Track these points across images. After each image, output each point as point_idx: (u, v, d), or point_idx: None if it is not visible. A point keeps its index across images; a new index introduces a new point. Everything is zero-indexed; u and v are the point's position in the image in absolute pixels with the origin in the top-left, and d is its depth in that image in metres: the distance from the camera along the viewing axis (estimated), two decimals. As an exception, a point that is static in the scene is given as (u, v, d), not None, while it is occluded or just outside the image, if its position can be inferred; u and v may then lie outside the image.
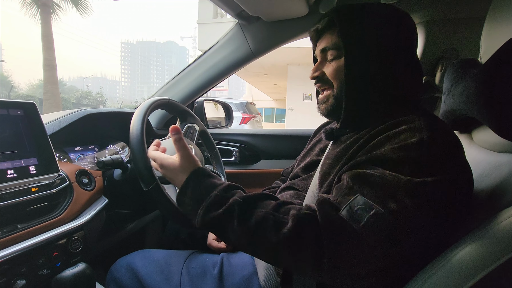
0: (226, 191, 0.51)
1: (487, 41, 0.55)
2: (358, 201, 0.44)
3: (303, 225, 0.44)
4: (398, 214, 0.42)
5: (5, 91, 24.95)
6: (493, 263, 0.37)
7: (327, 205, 0.46)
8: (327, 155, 0.61)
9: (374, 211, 0.42)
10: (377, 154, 0.47)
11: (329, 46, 0.60)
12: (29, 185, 0.55)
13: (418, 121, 0.49)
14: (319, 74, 0.62)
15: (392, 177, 0.44)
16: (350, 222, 0.42)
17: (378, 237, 0.42)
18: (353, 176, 0.47)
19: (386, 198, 0.43)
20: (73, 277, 0.53)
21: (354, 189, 0.45)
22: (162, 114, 1.28)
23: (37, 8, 10.98)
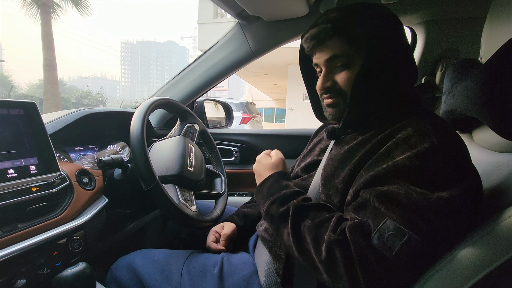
0: (294, 194, 0.57)
1: (487, 41, 0.55)
2: (388, 227, 0.43)
3: (336, 251, 0.45)
4: (429, 235, 0.42)
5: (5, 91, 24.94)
6: (494, 262, 0.37)
7: (359, 232, 0.44)
8: (331, 156, 0.61)
9: (407, 237, 0.41)
10: (394, 166, 0.46)
11: (338, 53, 0.57)
12: (30, 184, 0.55)
13: (424, 123, 0.49)
14: (331, 84, 0.59)
15: (419, 196, 0.43)
16: (383, 251, 0.42)
17: (412, 264, 0.42)
18: (379, 196, 0.46)
19: (416, 220, 0.42)
20: (74, 276, 0.53)
21: (382, 212, 0.44)
22: (162, 114, 1.28)
23: (37, 8, 10.98)
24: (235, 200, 1.27)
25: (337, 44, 0.57)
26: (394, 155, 0.48)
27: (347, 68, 0.57)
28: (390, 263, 0.41)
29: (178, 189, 0.76)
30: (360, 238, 0.44)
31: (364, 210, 0.47)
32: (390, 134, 0.51)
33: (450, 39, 0.96)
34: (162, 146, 0.85)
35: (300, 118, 8.78)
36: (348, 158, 0.55)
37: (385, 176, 0.47)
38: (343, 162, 0.56)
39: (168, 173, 0.77)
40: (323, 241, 0.46)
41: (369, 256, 0.42)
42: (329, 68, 0.59)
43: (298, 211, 0.52)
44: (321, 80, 0.60)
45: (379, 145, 0.51)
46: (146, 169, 0.67)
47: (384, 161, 0.48)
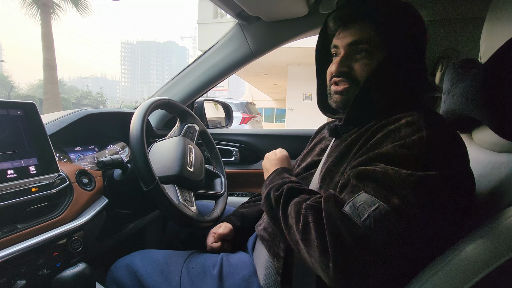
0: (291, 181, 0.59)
1: (487, 41, 0.55)
2: (361, 198, 0.44)
3: (308, 215, 0.46)
4: (401, 209, 0.41)
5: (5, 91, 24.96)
6: (494, 262, 0.37)
7: (332, 200, 0.46)
8: (330, 153, 0.61)
9: (377, 206, 0.42)
10: (379, 152, 0.47)
11: (363, 39, 0.55)
12: (29, 185, 0.55)
13: (418, 116, 0.48)
14: (347, 69, 0.57)
15: (394, 171, 0.44)
16: (352, 217, 0.42)
17: (382, 234, 0.41)
18: (357, 174, 0.47)
19: (389, 193, 0.42)
20: (73, 277, 0.53)
21: (358, 187, 0.46)
22: (162, 114, 1.28)
23: (37, 8, 10.99)
24: (235, 201, 1.27)
25: (364, 29, 0.55)
26: (382, 145, 0.48)
27: (368, 56, 0.55)
28: (358, 228, 0.41)
29: (178, 190, 0.76)
30: (332, 206, 0.45)
31: (343, 188, 0.49)
32: (383, 125, 0.51)
33: (449, 39, 0.96)
34: (162, 147, 0.85)
35: (300, 118, 8.77)
36: (347, 153, 0.56)
37: (367, 160, 0.48)
38: (342, 158, 0.56)
39: (168, 173, 0.77)
40: (301, 210, 0.48)
41: (338, 222, 0.43)
42: (349, 53, 0.57)
43: (289, 191, 0.55)
44: (337, 64, 0.58)
45: (372, 136, 0.52)
46: (146, 169, 0.67)
47: (372, 150, 0.49)
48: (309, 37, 1.11)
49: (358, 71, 0.57)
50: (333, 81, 0.60)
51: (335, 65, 0.59)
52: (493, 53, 0.43)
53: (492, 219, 0.41)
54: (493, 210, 0.43)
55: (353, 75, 0.57)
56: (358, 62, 0.56)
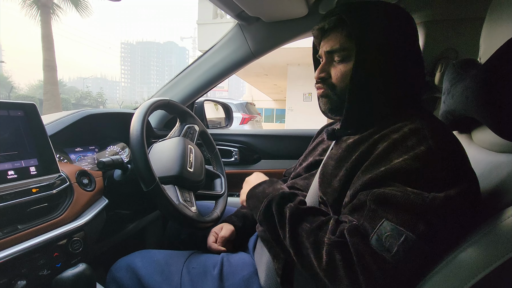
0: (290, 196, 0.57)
1: (486, 41, 0.55)
2: (386, 228, 0.43)
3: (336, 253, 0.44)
4: (428, 235, 0.41)
5: (5, 92, 24.97)
6: (494, 263, 0.37)
7: (357, 234, 0.44)
8: (330, 156, 0.61)
9: (404, 237, 0.41)
10: (392, 168, 0.46)
11: (337, 48, 0.58)
12: (30, 185, 0.55)
13: (420, 123, 0.49)
14: (325, 75, 0.61)
15: (415, 196, 0.43)
16: (381, 252, 0.42)
17: (411, 264, 0.42)
18: (375, 198, 0.45)
19: (413, 220, 0.42)
20: (74, 277, 0.53)
21: (379, 214, 0.44)
22: (162, 115, 1.28)
23: (37, 8, 10.99)
24: (235, 201, 1.27)
25: (337, 37, 0.58)
26: (391, 157, 0.47)
27: (343, 62, 0.58)
28: (389, 264, 0.41)
29: (178, 190, 0.76)
30: (359, 240, 0.43)
31: (360, 212, 0.47)
32: (386, 135, 0.51)
33: (449, 39, 0.96)
34: (162, 147, 0.85)
35: (300, 119, 8.77)
36: (346, 158, 0.55)
37: (382, 179, 0.47)
38: (341, 161, 0.56)
39: (168, 174, 0.77)
40: (323, 245, 0.46)
41: (367, 258, 0.42)
42: (328, 60, 0.61)
43: (295, 214, 0.52)
44: (317, 70, 0.62)
45: (375, 145, 0.51)
46: (146, 170, 0.67)
47: (381, 163, 0.48)
48: (308, 37, 1.11)
49: (333, 76, 0.59)
50: (317, 88, 0.64)
51: (316, 72, 0.63)
52: (492, 54, 0.43)
53: (492, 219, 0.41)
54: (493, 210, 0.43)
55: (330, 80, 0.60)
56: (334, 68, 0.59)
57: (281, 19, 1.05)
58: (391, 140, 0.49)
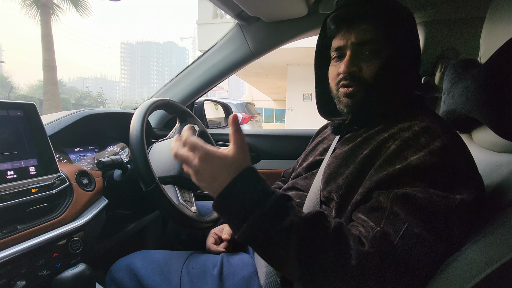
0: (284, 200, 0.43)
1: (486, 41, 0.55)
2: (409, 233, 0.41)
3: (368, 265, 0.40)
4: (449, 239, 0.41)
5: (5, 92, 24.97)
6: (494, 263, 0.37)
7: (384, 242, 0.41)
8: (335, 155, 0.60)
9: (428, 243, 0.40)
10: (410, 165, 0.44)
11: (368, 39, 0.54)
12: (29, 186, 0.55)
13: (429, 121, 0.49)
14: (357, 69, 0.56)
15: (440, 200, 0.41)
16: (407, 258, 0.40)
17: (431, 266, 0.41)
18: (396, 200, 0.43)
19: (439, 226, 0.41)
20: (73, 278, 0.53)
21: (401, 217, 0.42)
22: (162, 115, 1.28)
23: (37, 8, 11.00)
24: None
25: (369, 29, 0.54)
26: (405, 155, 0.46)
27: (375, 56, 0.55)
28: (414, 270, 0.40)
29: (178, 190, 0.76)
30: (387, 249, 0.41)
31: (378, 213, 0.44)
32: (396, 133, 0.50)
33: (449, 39, 0.96)
34: (161, 147, 0.85)
35: (300, 119, 8.78)
36: (352, 156, 0.54)
37: (401, 177, 0.45)
38: (347, 160, 0.55)
39: (167, 174, 0.77)
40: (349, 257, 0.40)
41: (398, 266, 0.40)
42: (355, 53, 0.56)
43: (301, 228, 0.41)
44: (346, 64, 0.56)
45: (385, 143, 0.50)
46: (146, 170, 0.66)
47: (396, 160, 0.47)
48: (308, 37, 1.12)
49: (366, 71, 0.55)
50: (342, 84, 0.58)
51: (344, 65, 0.56)
52: (493, 53, 0.43)
53: (492, 219, 0.41)
54: (493, 210, 0.43)
55: (362, 75, 0.56)
56: (366, 62, 0.55)
57: (281, 19, 1.05)
58: (403, 138, 0.48)
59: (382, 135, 0.52)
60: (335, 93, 0.61)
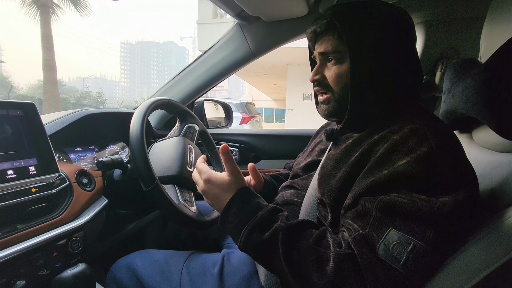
0: (272, 214, 0.51)
1: (487, 40, 0.55)
2: (393, 236, 0.41)
3: (345, 267, 0.42)
4: (436, 242, 0.40)
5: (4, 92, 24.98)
6: (494, 263, 0.37)
7: (364, 245, 0.43)
8: (328, 156, 0.61)
9: (412, 245, 0.40)
10: (396, 172, 0.45)
11: (330, 50, 0.58)
12: (29, 185, 0.55)
13: (420, 123, 0.48)
14: (319, 77, 0.61)
15: (423, 203, 0.42)
16: (390, 262, 0.41)
17: (421, 272, 0.41)
18: (381, 206, 0.44)
19: (422, 229, 0.41)
20: (73, 277, 0.53)
21: (385, 222, 0.43)
22: (162, 114, 1.28)
23: (36, 8, 11.00)
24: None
25: (329, 40, 0.58)
26: (393, 159, 0.47)
27: (337, 64, 0.58)
28: (399, 273, 0.40)
29: (178, 190, 0.76)
30: (366, 251, 0.42)
31: (364, 219, 0.46)
32: (386, 136, 0.50)
33: (449, 39, 0.96)
34: (161, 147, 0.85)
35: (300, 118, 8.78)
36: (345, 158, 0.55)
37: (386, 183, 0.46)
38: (340, 162, 0.56)
39: (167, 173, 0.77)
40: (328, 260, 0.44)
41: (376, 268, 0.41)
42: (322, 62, 0.61)
43: (287, 234, 0.47)
44: (312, 72, 0.62)
45: (376, 146, 0.51)
46: (146, 169, 0.66)
47: (383, 165, 0.47)
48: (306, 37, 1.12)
49: (329, 78, 0.59)
50: (315, 90, 0.64)
51: (311, 75, 0.63)
52: (493, 53, 0.43)
53: (492, 219, 0.41)
54: (493, 210, 0.43)
55: (326, 83, 0.60)
56: (329, 70, 0.59)
57: (281, 18, 1.05)
58: (391, 141, 0.49)
59: (373, 137, 0.52)
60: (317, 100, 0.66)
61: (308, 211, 0.61)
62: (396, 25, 0.55)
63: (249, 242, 0.49)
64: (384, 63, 0.54)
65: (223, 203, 0.54)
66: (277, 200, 0.73)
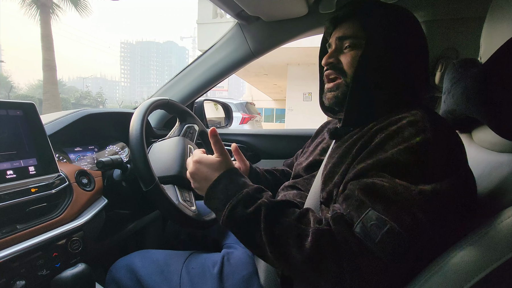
0: (257, 191, 0.53)
1: (487, 40, 0.55)
2: (371, 217, 0.42)
3: (322, 242, 0.43)
4: (413, 228, 0.41)
5: (4, 92, 24.97)
6: (494, 263, 0.37)
7: (342, 222, 0.44)
8: (331, 154, 0.61)
9: (388, 227, 0.41)
10: (384, 159, 0.46)
11: (348, 34, 0.60)
12: (29, 185, 0.55)
13: (420, 116, 0.48)
14: (334, 60, 0.61)
15: (403, 188, 0.43)
16: (365, 240, 0.42)
17: (394, 254, 0.41)
18: (363, 188, 0.45)
19: (399, 213, 0.41)
20: (73, 277, 0.53)
21: (366, 203, 0.44)
22: (162, 114, 1.28)
23: (36, 8, 10.99)
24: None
25: (350, 26, 0.60)
26: (386, 148, 0.47)
27: (353, 49, 0.59)
28: (373, 253, 0.41)
29: (178, 190, 0.76)
30: (343, 228, 0.43)
31: (348, 202, 0.47)
32: (384, 127, 0.51)
33: (449, 39, 0.96)
34: (161, 147, 0.85)
35: (299, 118, 8.78)
36: (347, 154, 0.55)
37: (372, 168, 0.47)
38: (343, 158, 0.56)
39: (167, 173, 0.77)
40: (307, 235, 0.45)
41: (352, 246, 0.42)
42: (338, 46, 0.62)
43: (270, 210, 0.49)
44: (326, 56, 0.63)
45: (374, 137, 0.51)
46: (146, 169, 0.66)
47: (375, 154, 0.48)
48: (308, 37, 1.11)
49: (344, 62, 0.60)
50: (326, 75, 0.63)
51: (325, 57, 0.63)
52: (493, 53, 0.43)
53: (492, 219, 0.41)
54: (493, 210, 0.42)
55: (340, 66, 0.61)
56: (344, 55, 0.60)
57: (281, 18, 1.05)
58: (388, 131, 0.49)
59: (372, 130, 0.53)
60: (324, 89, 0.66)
61: None
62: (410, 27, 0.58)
63: (232, 216, 0.50)
64: (394, 59, 0.55)
65: (210, 181, 0.55)
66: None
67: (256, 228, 0.48)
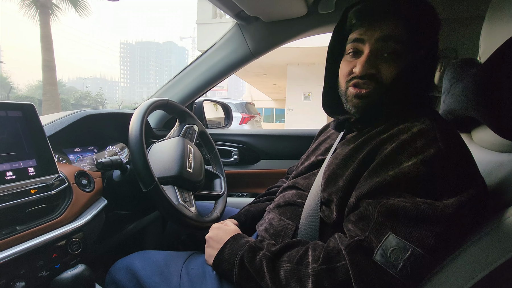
0: (259, 242, 0.57)
1: (486, 40, 0.55)
2: (391, 242, 0.41)
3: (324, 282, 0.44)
4: (436, 249, 0.40)
5: (4, 92, 24.96)
6: (494, 262, 0.37)
7: (360, 251, 0.43)
8: (335, 155, 0.60)
9: (410, 252, 0.40)
10: (401, 174, 0.44)
11: (393, 36, 0.50)
12: (28, 186, 0.55)
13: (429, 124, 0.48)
14: (375, 71, 0.52)
15: (426, 206, 0.41)
16: (387, 268, 0.40)
17: (416, 278, 0.40)
18: (383, 210, 0.43)
19: (422, 234, 0.40)
20: (73, 278, 0.53)
21: (385, 226, 0.42)
22: (161, 115, 1.28)
23: (36, 9, 10.98)
24: (235, 201, 1.27)
25: (396, 26, 0.51)
26: (399, 160, 0.46)
27: (396, 57, 0.51)
28: (394, 279, 0.40)
29: (177, 190, 0.76)
30: (362, 258, 0.42)
31: (365, 222, 0.45)
32: (394, 135, 0.50)
33: (448, 38, 0.96)
34: (161, 147, 0.85)
35: (299, 118, 8.78)
36: (352, 157, 0.54)
37: (390, 185, 0.45)
38: (347, 160, 0.55)
39: (167, 174, 0.77)
40: (308, 278, 0.45)
41: (372, 275, 0.41)
42: (376, 50, 0.52)
43: (271, 259, 0.51)
44: (362, 64, 0.52)
45: (383, 145, 0.50)
46: (145, 170, 0.66)
47: (389, 165, 0.46)
48: (308, 37, 1.12)
49: (384, 73, 0.52)
50: (354, 83, 0.55)
51: (360, 65, 0.53)
52: (492, 53, 0.43)
53: (492, 219, 0.41)
54: (494, 210, 0.42)
55: (378, 77, 0.52)
56: (385, 63, 0.52)
57: (280, 18, 1.05)
58: (399, 141, 0.48)
59: (381, 136, 0.52)
60: (343, 91, 0.58)
61: (310, 212, 0.61)
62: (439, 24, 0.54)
63: (242, 274, 0.54)
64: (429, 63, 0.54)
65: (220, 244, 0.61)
66: (278, 201, 0.73)
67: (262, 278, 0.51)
